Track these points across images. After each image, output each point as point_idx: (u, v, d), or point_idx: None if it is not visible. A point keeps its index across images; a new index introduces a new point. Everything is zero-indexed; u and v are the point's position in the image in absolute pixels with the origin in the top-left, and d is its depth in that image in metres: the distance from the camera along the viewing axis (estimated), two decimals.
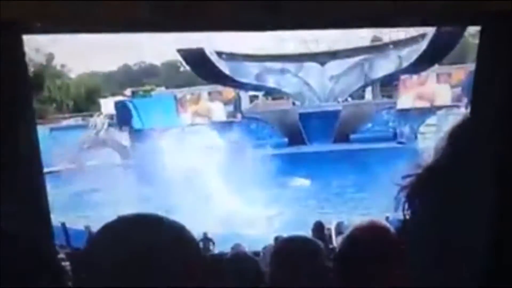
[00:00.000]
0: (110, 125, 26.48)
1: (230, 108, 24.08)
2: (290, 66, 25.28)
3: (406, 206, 0.62)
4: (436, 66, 24.09)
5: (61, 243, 6.85)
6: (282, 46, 25.06)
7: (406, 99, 22.50)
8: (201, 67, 24.07)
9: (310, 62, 25.14)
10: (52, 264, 0.81)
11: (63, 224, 8.69)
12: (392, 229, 1.27)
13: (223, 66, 24.23)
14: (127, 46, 45.68)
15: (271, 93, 28.22)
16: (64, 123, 31.60)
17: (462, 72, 21.39)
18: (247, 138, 23.90)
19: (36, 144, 0.74)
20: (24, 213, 0.71)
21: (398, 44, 23.79)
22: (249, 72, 25.06)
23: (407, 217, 0.62)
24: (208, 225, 9.34)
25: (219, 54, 24.16)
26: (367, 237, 1.26)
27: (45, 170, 0.79)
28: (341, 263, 1.32)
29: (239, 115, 24.09)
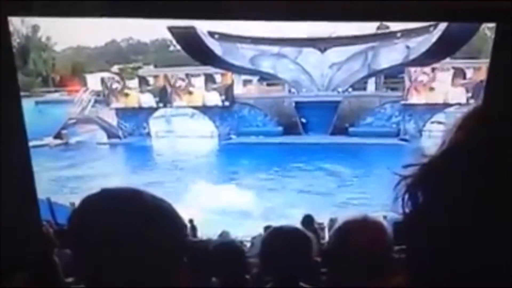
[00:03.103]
0: (96, 101, 26.23)
1: (222, 91, 23.82)
2: (288, 50, 24.88)
3: (406, 197, 0.60)
4: (448, 59, 23.76)
5: (47, 218, 6.94)
6: (280, 29, 24.72)
7: (412, 93, 22.03)
8: (192, 47, 23.72)
9: (309, 48, 24.74)
10: (38, 237, 0.83)
11: (48, 199, 8.77)
12: (385, 224, 1.30)
13: (216, 47, 23.96)
14: (116, 21, 45.00)
15: (266, 78, 27.95)
16: (50, 97, 31.30)
17: (476, 67, 20.93)
18: (238, 124, 23.83)
19: (20, 116, 0.75)
20: (9, 187, 0.72)
21: (407, 33, 23.14)
22: (243, 55, 24.74)
23: (407, 210, 0.60)
24: (195, 211, 9.42)
25: (212, 34, 23.87)
26: (358, 231, 1.29)
27: (30, 144, 0.80)
28: (329, 257, 1.34)
29: (230, 100, 23.88)
